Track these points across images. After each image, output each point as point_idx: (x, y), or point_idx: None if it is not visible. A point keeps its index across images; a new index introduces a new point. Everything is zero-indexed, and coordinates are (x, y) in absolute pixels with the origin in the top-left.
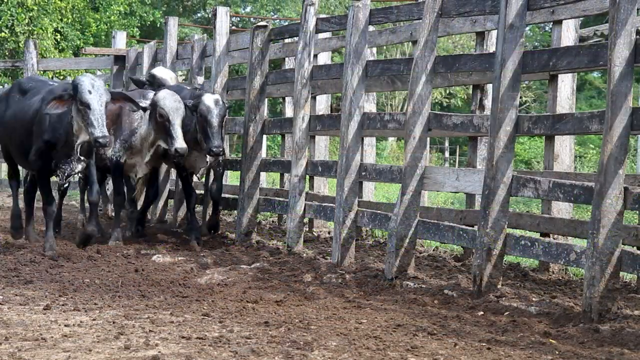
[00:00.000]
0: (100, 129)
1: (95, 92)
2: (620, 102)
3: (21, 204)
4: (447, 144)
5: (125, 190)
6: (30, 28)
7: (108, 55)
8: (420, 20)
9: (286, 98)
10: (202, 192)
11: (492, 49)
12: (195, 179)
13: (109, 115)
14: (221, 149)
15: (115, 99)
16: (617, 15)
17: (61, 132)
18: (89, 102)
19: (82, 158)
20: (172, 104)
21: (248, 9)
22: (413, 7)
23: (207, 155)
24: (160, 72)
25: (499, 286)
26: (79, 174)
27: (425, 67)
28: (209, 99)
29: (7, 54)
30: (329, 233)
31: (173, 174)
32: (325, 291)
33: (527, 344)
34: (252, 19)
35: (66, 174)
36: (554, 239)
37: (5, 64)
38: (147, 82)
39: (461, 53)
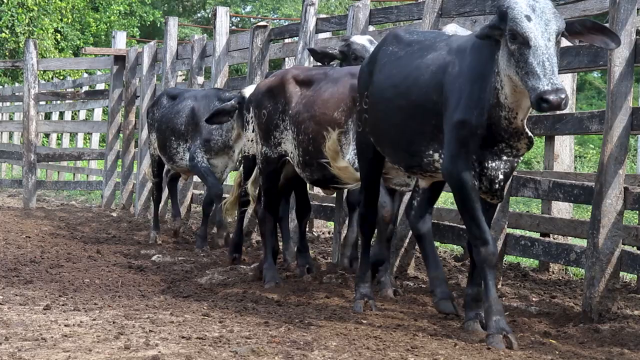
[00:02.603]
0: (549, 79)
1: (538, 19)
2: (620, 102)
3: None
4: None
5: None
6: (30, 28)
7: (108, 55)
8: (420, 20)
9: None
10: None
11: None
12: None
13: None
14: None
15: (576, 31)
16: (617, 15)
17: (488, 100)
18: (527, 35)
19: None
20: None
21: (248, 9)
22: (413, 7)
23: None
24: (359, 39)
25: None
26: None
27: None
28: (360, 39)
29: (7, 54)
30: (329, 233)
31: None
32: (325, 291)
33: (527, 344)
34: (252, 19)
35: (497, 182)
36: (554, 239)
37: (5, 64)
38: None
39: None
